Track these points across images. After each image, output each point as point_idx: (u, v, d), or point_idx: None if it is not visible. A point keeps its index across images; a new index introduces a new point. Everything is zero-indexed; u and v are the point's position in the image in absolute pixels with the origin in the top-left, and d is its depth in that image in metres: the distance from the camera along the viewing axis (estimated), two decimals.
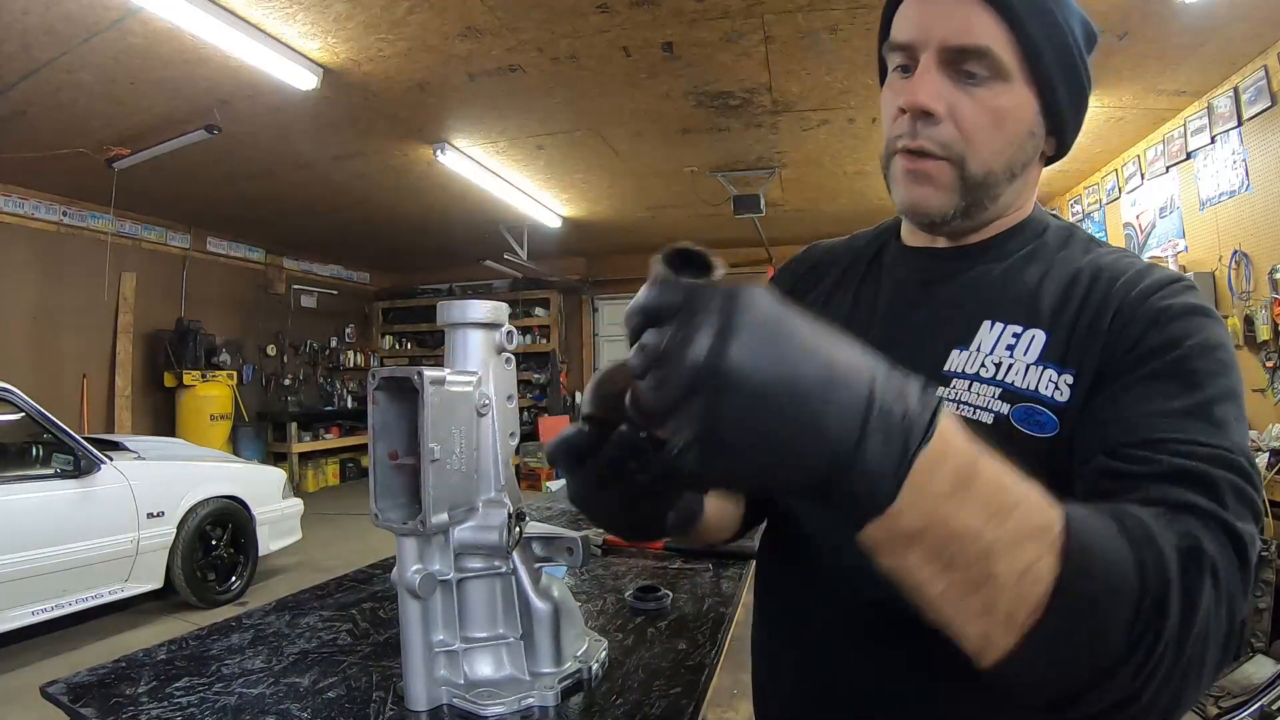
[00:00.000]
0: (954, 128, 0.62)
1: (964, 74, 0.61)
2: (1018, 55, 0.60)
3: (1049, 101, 0.63)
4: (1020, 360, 0.60)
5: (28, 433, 3.38)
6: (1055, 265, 0.64)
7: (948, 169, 0.63)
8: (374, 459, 0.76)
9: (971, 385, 0.62)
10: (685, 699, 0.78)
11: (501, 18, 3.09)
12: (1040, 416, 0.58)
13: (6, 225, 5.21)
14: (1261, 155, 3.50)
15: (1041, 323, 0.61)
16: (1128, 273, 0.61)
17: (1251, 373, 3.64)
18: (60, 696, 0.78)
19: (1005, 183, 0.65)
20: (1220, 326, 0.57)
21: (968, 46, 0.60)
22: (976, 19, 0.60)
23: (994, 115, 0.61)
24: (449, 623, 0.76)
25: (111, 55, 3.28)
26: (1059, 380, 0.58)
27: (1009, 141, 0.63)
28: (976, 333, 0.64)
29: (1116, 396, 0.55)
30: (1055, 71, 0.62)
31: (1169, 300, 0.57)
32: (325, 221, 6.61)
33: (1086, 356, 0.58)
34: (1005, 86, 0.61)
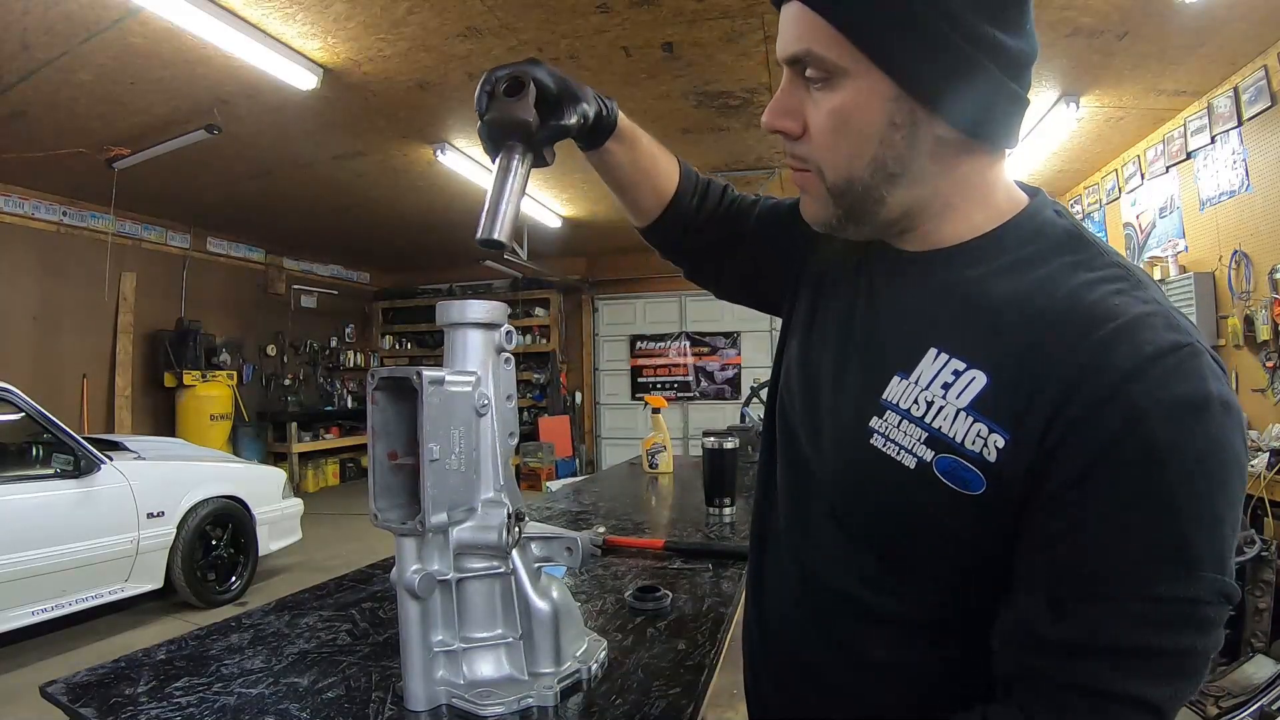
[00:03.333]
0: (808, 141, 0.60)
1: (808, 81, 0.58)
2: (846, 46, 0.54)
3: (909, 84, 0.54)
4: (952, 404, 0.54)
5: (28, 433, 3.38)
6: (1030, 287, 0.54)
7: (815, 180, 0.61)
8: (373, 459, 0.76)
9: (901, 422, 0.57)
10: (685, 699, 0.78)
11: (501, 18, 3.09)
12: (966, 474, 0.52)
13: (6, 225, 5.21)
14: (1261, 155, 3.50)
15: (987, 363, 0.53)
16: (1102, 327, 0.49)
17: (1251, 373, 3.64)
18: (60, 696, 0.78)
19: (885, 185, 0.58)
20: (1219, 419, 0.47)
21: (791, 55, 0.57)
22: (799, 23, 0.56)
23: (834, 118, 0.57)
24: (448, 623, 0.76)
25: (111, 55, 3.28)
26: (988, 439, 0.51)
27: (861, 142, 0.57)
28: (920, 360, 0.58)
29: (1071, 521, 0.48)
30: (898, 50, 0.53)
31: (1154, 392, 0.46)
32: (325, 221, 6.61)
33: (1025, 424, 0.50)
34: (842, 83, 0.56)
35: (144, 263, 6.25)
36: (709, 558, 1.34)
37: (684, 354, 8.74)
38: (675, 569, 1.28)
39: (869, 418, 0.59)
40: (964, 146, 0.58)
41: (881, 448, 0.58)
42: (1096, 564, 0.47)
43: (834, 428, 0.64)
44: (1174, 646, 0.46)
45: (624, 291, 8.76)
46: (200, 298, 6.80)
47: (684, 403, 8.69)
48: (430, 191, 5.62)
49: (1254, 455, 3.20)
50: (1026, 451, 0.50)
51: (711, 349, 8.65)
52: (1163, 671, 0.47)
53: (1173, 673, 0.47)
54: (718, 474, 1.72)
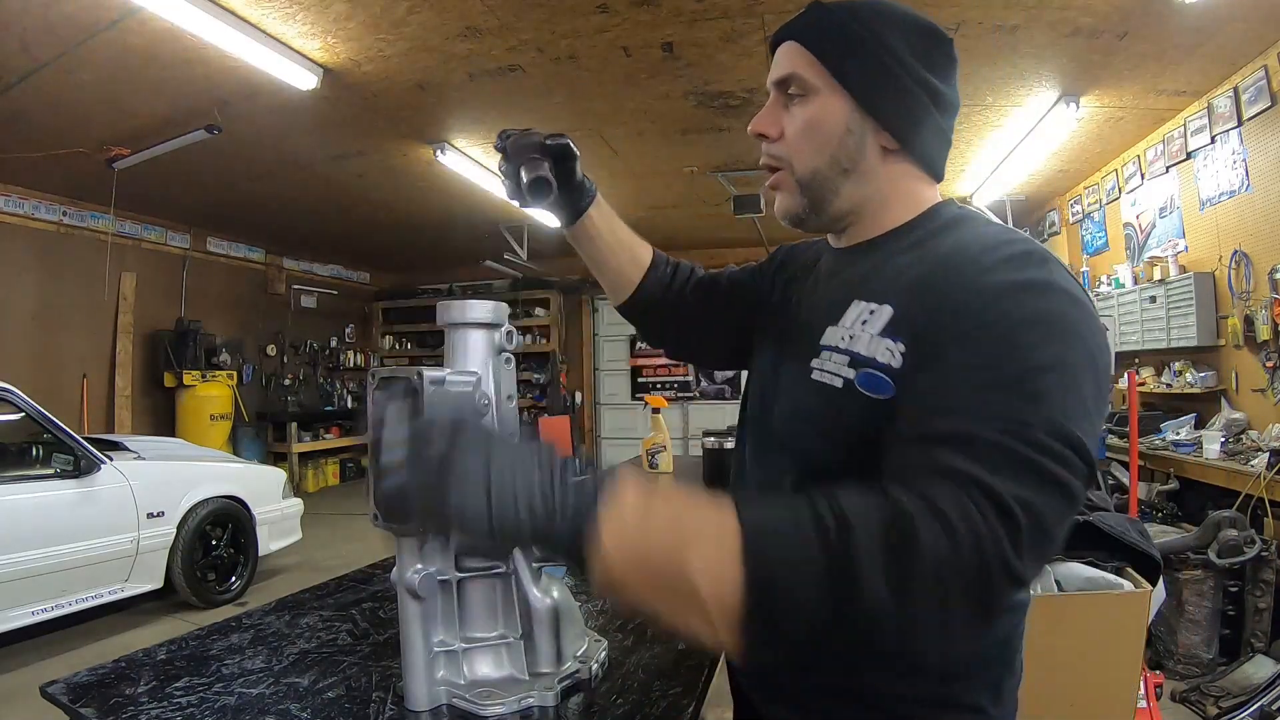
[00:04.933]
0: (784, 142, 0.76)
1: (789, 98, 0.76)
2: (823, 72, 0.73)
3: (864, 101, 0.72)
4: (866, 332, 0.68)
5: (28, 433, 3.37)
6: (924, 250, 0.70)
7: (785, 176, 0.77)
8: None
9: (832, 356, 0.70)
10: (685, 699, 0.78)
11: (501, 18, 3.09)
12: (878, 382, 0.65)
13: (6, 225, 5.20)
14: (1261, 155, 3.50)
15: (890, 298, 0.68)
16: (968, 249, 0.65)
17: (1251, 373, 3.64)
18: (60, 696, 0.78)
19: (839, 177, 0.75)
20: (1059, 298, 0.59)
21: (781, 77, 0.76)
22: (790, 55, 0.75)
23: (806, 123, 0.74)
24: (449, 623, 0.76)
25: (111, 55, 3.28)
26: (894, 349, 0.65)
27: (825, 141, 0.74)
28: (845, 311, 0.72)
29: (931, 369, 0.60)
30: (858, 76, 0.72)
31: (997, 275, 0.60)
32: (325, 221, 6.61)
33: (914, 329, 0.64)
34: (814, 99, 0.74)
35: (144, 263, 6.25)
36: None
37: None
38: None
39: (810, 360, 0.73)
40: (899, 156, 0.75)
41: (817, 378, 0.71)
42: (945, 396, 0.57)
43: (790, 382, 0.78)
44: (1017, 451, 0.51)
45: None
46: (200, 298, 6.79)
47: (684, 403, 8.69)
48: (430, 191, 5.62)
49: (1254, 455, 3.20)
50: (918, 346, 0.63)
51: None
52: (1003, 466, 0.51)
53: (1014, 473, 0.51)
54: (718, 474, 1.72)
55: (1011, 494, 0.49)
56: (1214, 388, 3.90)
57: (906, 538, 0.48)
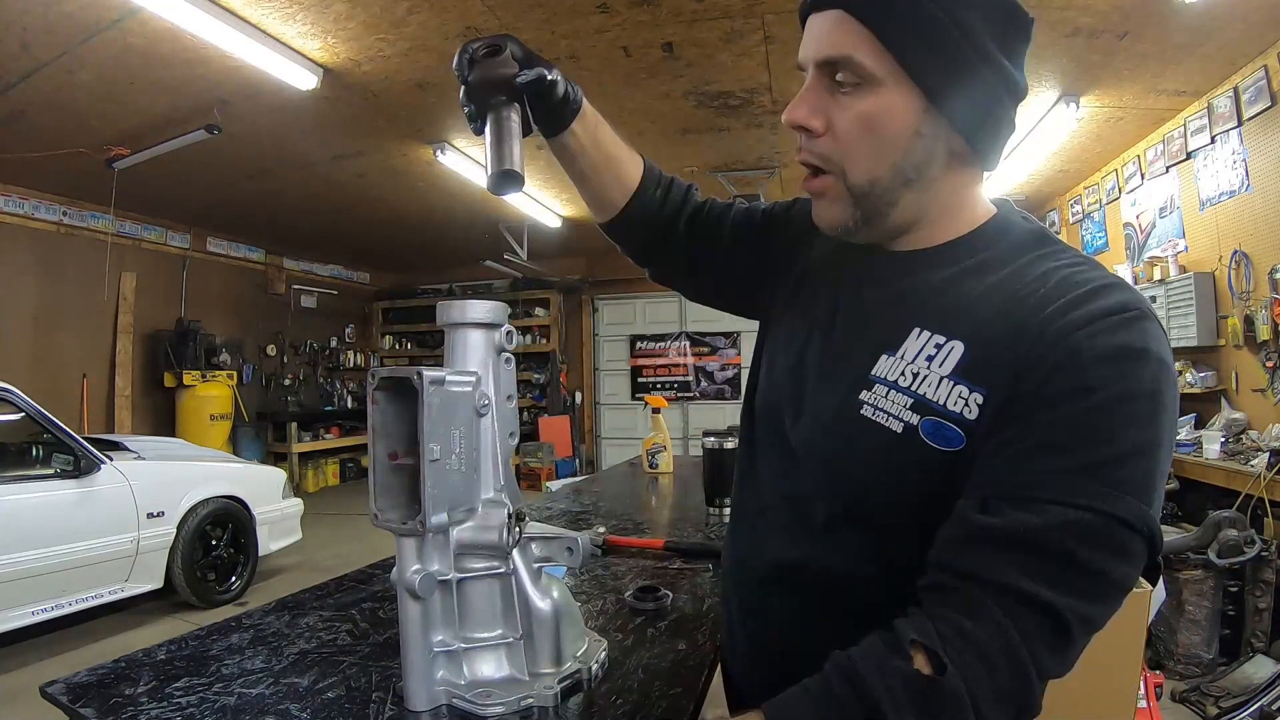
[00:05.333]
0: (832, 140, 0.64)
1: (837, 85, 0.62)
2: (887, 59, 0.60)
3: (938, 99, 0.61)
4: (935, 372, 0.60)
5: (28, 433, 3.37)
6: (1001, 277, 0.62)
7: (833, 182, 0.65)
8: (374, 459, 0.76)
9: (889, 393, 0.62)
10: (685, 699, 0.78)
11: (501, 18, 3.09)
12: (948, 432, 0.58)
13: (6, 225, 5.20)
14: (1261, 155, 3.50)
15: (964, 334, 0.60)
16: (1064, 296, 0.56)
17: (1251, 373, 3.64)
18: (60, 696, 0.78)
19: (901, 188, 0.64)
20: (1154, 369, 0.52)
21: (832, 57, 0.62)
22: (841, 30, 0.61)
23: (864, 121, 0.62)
24: (449, 623, 0.76)
25: (111, 55, 3.28)
26: (969, 398, 0.57)
27: (888, 146, 0.62)
28: (905, 339, 0.63)
29: (1012, 440, 0.54)
30: (934, 68, 0.60)
31: (1097, 338, 0.53)
32: (325, 221, 6.61)
33: (997, 379, 0.56)
34: (874, 90, 0.61)
35: (144, 263, 6.25)
36: (709, 558, 1.33)
37: (684, 354, 8.74)
38: (675, 569, 1.28)
39: (859, 391, 0.64)
40: (966, 160, 0.65)
41: (871, 416, 0.63)
42: (1025, 473, 0.52)
43: (820, 408, 0.69)
44: (1086, 559, 0.49)
45: (624, 291, 8.76)
46: (200, 298, 6.79)
47: (684, 403, 8.69)
48: (430, 191, 5.62)
49: (1254, 455, 3.19)
50: (1000, 403, 0.56)
51: (711, 349, 8.65)
52: (1069, 581, 0.49)
53: (1080, 586, 0.49)
54: (718, 474, 1.72)
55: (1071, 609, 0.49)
56: (1214, 388, 3.90)
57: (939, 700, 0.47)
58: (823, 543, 0.68)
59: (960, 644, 0.48)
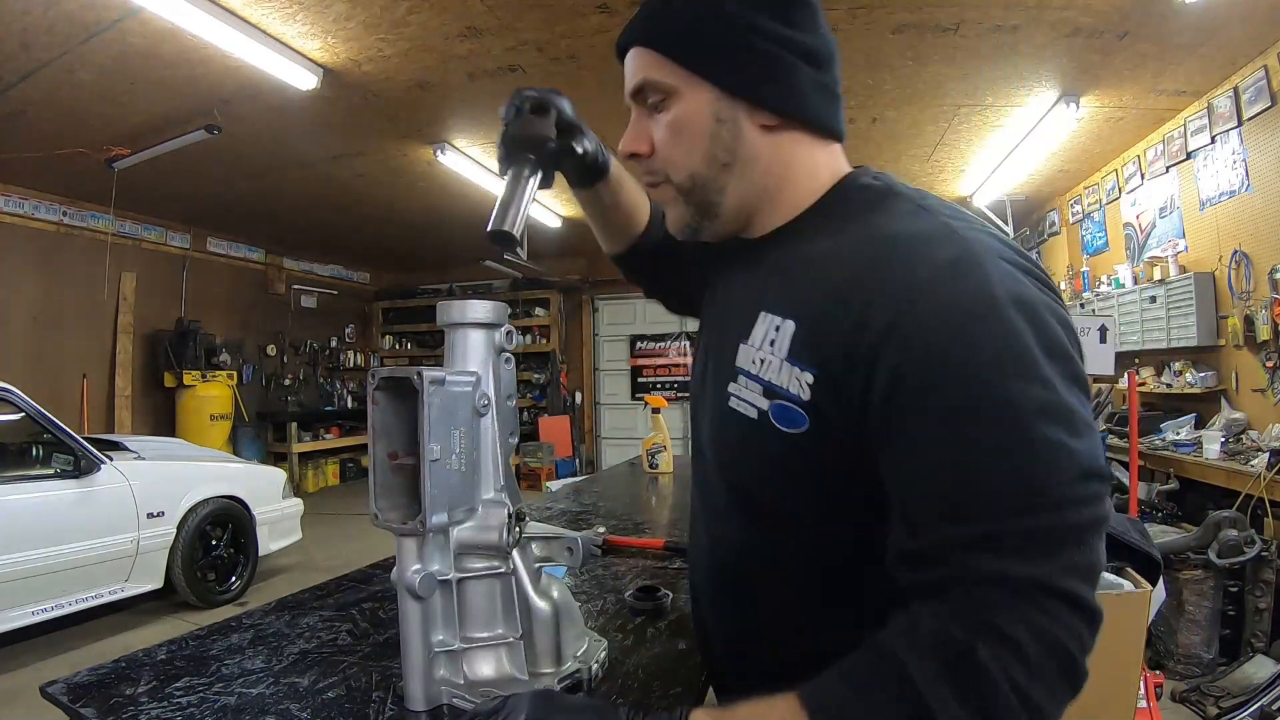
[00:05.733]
0: (656, 156, 0.71)
1: (651, 109, 0.70)
2: (674, 69, 0.67)
3: (725, 85, 0.66)
4: (775, 356, 0.62)
5: (28, 433, 3.37)
6: (833, 243, 0.62)
7: (667, 189, 0.72)
8: (374, 459, 0.76)
9: (747, 382, 0.65)
10: (685, 699, 0.78)
11: (501, 18, 3.09)
12: (792, 414, 0.59)
13: (6, 225, 5.20)
14: (1261, 155, 3.50)
15: (794, 310, 0.61)
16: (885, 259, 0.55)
17: (1251, 373, 3.64)
18: (60, 696, 0.78)
19: (721, 174, 0.68)
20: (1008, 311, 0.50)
21: (634, 87, 0.70)
22: (637, 62, 0.69)
23: (671, 128, 0.68)
24: (449, 623, 0.76)
25: (111, 55, 3.28)
26: (801, 379, 0.59)
27: (695, 140, 0.67)
28: (754, 325, 0.66)
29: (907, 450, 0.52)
30: (708, 61, 0.66)
31: (927, 311, 0.51)
32: (325, 221, 6.61)
33: (826, 357, 0.56)
34: (675, 99, 0.67)
35: (144, 263, 6.25)
36: None
37: (684, 354, 8.73)
38: (675, 569, 1.28)
39: (728, 384, 0.68)
40: (784, 129, 0.67)
41: (735, 406, 0.66)
42: (932, 475, 0.51)
43: (711, 403, 0.73)
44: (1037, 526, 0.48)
45: (624, 291, 8.75)
46: (200, 298, 6.79)
47: (684, 403, 8.68)
48: (430, 191, 5.62)
49: (1254, 455, 3.20)
50: (834, 383, 0.56)
51: None
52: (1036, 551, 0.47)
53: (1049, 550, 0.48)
54: None
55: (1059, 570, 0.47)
56: (1214, 388, 3.90)
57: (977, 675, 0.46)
58: (727, 532, 0.72)
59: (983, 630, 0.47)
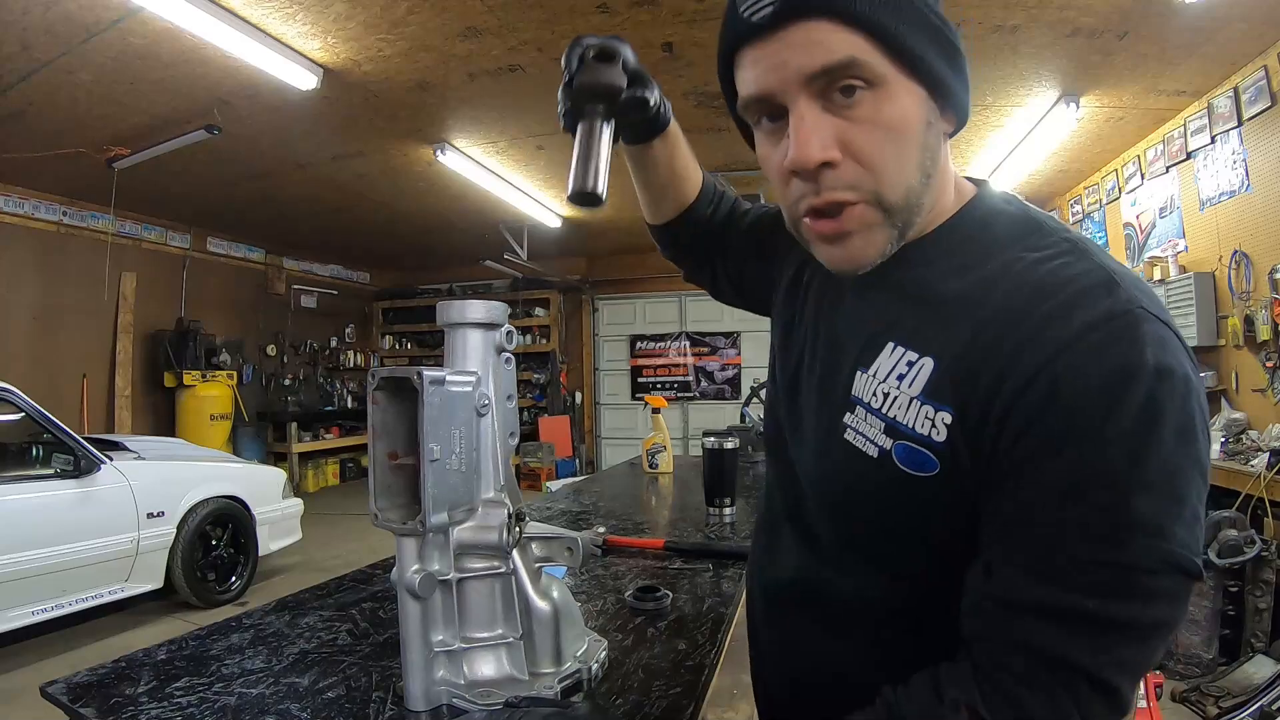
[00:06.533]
0: (855, 164, 0.55)
1: (841, 97, 0.54)
2: (882, 53, 0.53)
3: (931, 81, 0.55)
4: (905, 393, 0.57)
5: (28, 433, 3.37)
6: (980, 277, 0.56)
7: (866, 210, 0.56)
8: (373, 459, 0.76)
9: (867, 415, 0.60)
10: (685, 699, 0.78)
11: (501, 18, 3.09)
12: (920, 456, 0.55)
13: (6, 225, 5.20)
14: (1261, 155, 3.50)
15: (934, 349, 0.56)
16: (1043, 304, 0.50)
17: (1252, 373, 3.64)
18: (60, 696, 0.78)
19: (924, 188, 0.57)
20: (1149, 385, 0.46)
21: (833, 64, 0.52)
22: (827, 34, 0.52)
23: (888, 130, 0.54)
24: (449, 623, 0.76)
25: (111, 55, 3.28)
26: (935, 419, 0.54)
27: (912, 147, 0.56)
28: (878, 355, 0.60)
29: (1010, 497, 0.50)
30: (922, 47, 0.54)
31: (1078, 364, 0.47)
32: (325, 221, 6.60)
33: (969, 403, 0.52)
34: (885, 91, 0.54)
35: (144, 263, 6.25)
36: (709, 558, 1.34)
37: (684, 354, 8.73)
38: (675, 569, 1.28)
39: (843, 414, 0.63)
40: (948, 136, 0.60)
41: (852, 440, 0.61)
42: (1025, 530, 0.49)
43: (815, 427, 0.68)
44: (1105, 612, 0.46)
45: (624, 291, 8.76)
46: (200, 298, 6.79)
47: (684, 403, 8.69)
48: (430, 191, 5.62)
49: (1254, 455, 3.19)
50: (972, 427, 0.52)
51: (711, 349, 8.65)
52: (1095, 637, 0.46)
53: (1109, 640, 0.46)
54: (718, 474, 1.72)
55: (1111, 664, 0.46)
56: (1214, 388, 3.90)
57: None
58: (825, 563, 0.68)
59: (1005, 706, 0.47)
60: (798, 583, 0.71)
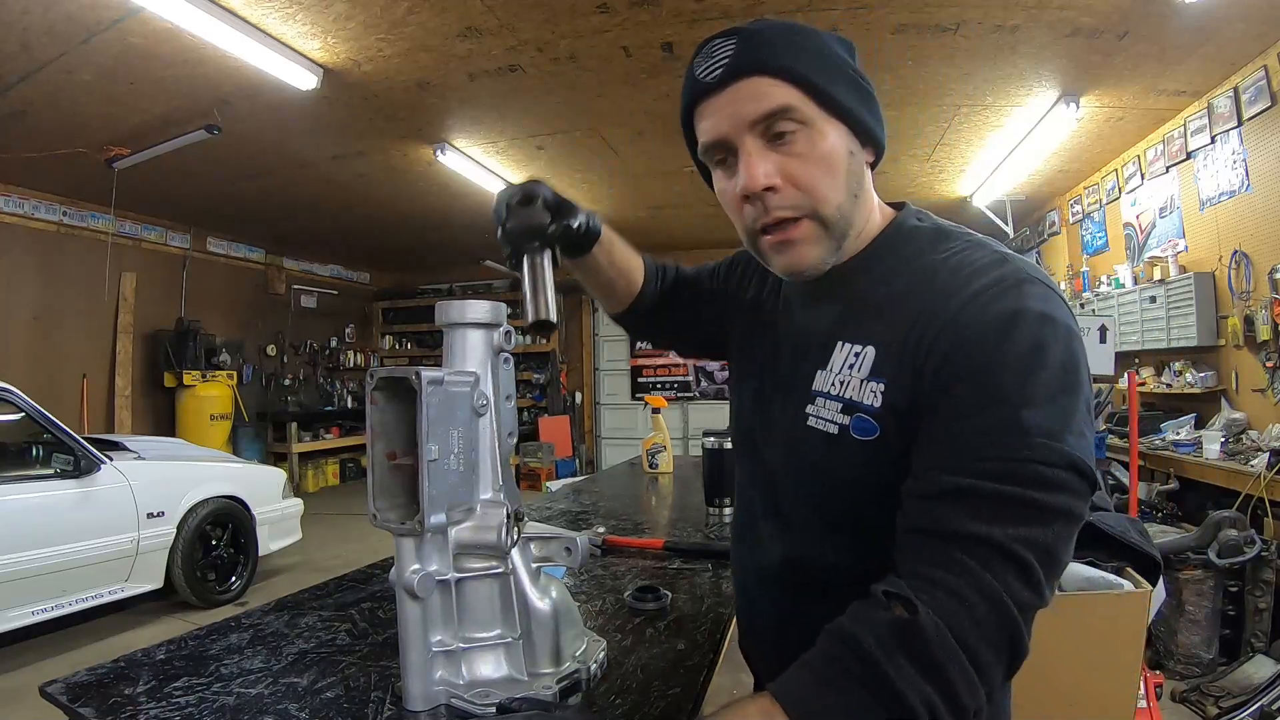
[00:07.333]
0: (794, 189, 0.68)
1: (778, 136, 0.67)
2: (811, 100, 0.67)
3: (851, 121, 0.69)
4: (856, 376, 0.69)
5: (28, 433, 3.37)
6: (905, 281, 0.69)
7: (808, 225, 0.70)
8: (372, 459, 0.76)
9: (826, 403, 0.72)
10: (684, 699, 0.78)
11: (501, 18, 3.09)
12: (866, 424, 0.67)
13: (6, 225, 5.20)
14: (1261, 155, 3.50)
15: (874, 339, 0.69)
16: (950, 284, 0.64)
17: (1252, 373, 3.64)
18: (60, 696, 0.78)
19: (853, 207, 0.71)
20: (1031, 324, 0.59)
21: (773, 110, 0.66)
22: (767, 88, 0.66)
23: (819, 160, 0.68)
24: (448, 623, 0.76)
25: (111, 55, 3.28)
26: (876, 389, 0.66)
27: (840, 173, 0.69)
28: (832, 355, 0.73)
29: (931, 424, 0.62)
30: (843, 95, 0.68)
31: (975, 314, 0.60)
32: (325, 221, 6.61)
33: (899, 369, 0.65)
34: (815, 130, 0.67)
35: (144, 263, 6.25)
36: (709, 558, 1.34)
37: None
38: (675, 569, 1.29)
39: (805, 406, 0.74)
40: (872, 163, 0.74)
41: (814, 424, 0.72)
42: (946, 445, 0.60)
43: (783, 423, 0.78)
44: (1003, 492, 0.55)
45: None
46: (200, 298, 6.79)
47: (684, 403, 8.69)
48: (430, 191, 5.62)
49: (1254, 455, 3.19)
50: (904, 386, 0.64)
51: None
52: (996, 512, 0.55)
53: (1011, 515, 0.55)
54: (718, 474, 1.72)
55: (1017, 539, 0.54)
56: (1214, 388, 3.90)
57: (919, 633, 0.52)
58: (808, 544, 0.76)
59: (929, 587, 0.54)
60: (785, 562, 0.79)
